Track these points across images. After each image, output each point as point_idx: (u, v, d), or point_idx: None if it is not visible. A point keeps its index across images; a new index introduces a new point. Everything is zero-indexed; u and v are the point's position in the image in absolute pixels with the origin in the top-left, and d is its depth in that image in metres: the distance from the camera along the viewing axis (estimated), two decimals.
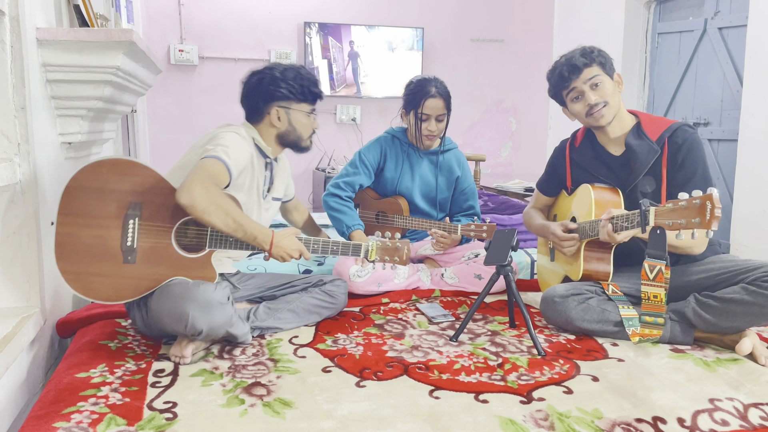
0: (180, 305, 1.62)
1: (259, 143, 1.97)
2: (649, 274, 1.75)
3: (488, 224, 2.42)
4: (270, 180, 2.05)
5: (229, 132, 1.85)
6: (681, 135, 1.95)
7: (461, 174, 2.63)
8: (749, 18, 3.45)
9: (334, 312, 2.10)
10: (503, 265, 1.90)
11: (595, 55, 1.99)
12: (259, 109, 1.97)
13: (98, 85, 1.95)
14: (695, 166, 1.91)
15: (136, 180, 1.72)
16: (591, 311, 1.93)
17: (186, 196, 1.62)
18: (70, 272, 1.69)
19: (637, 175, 1.99)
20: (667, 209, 1.65)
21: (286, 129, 1.98)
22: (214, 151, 1.75)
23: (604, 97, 1.98)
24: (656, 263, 1.73)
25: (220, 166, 1.73)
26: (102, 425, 1.37)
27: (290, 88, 1.94)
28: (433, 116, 2.46)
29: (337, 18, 5.17)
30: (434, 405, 1.49)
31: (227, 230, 1.71)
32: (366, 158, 2.57)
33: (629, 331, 1.86)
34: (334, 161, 5.28)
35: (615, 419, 1.43)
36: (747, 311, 1.78)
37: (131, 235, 1.72)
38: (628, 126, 2.04)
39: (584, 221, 2.01)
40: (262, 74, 1.97)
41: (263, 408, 1.47)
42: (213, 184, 1.68)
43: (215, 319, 1.64)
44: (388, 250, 2.01)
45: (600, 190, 2.04)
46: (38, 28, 1.79)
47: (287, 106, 1.97)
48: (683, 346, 1.87)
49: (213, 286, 1.67)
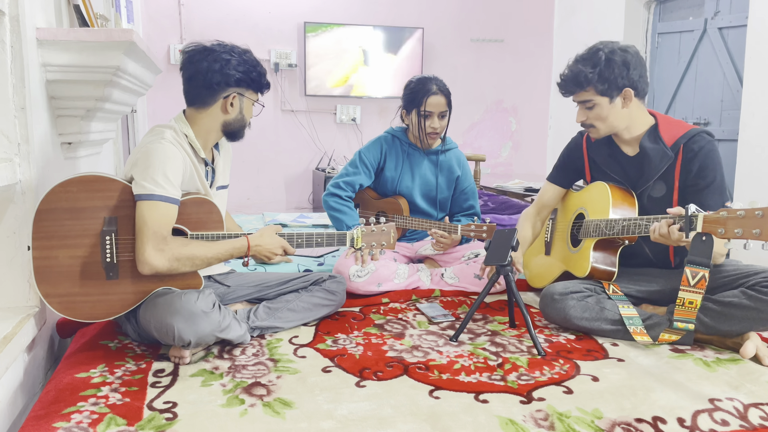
0: (165, 318, 1.61)
1: (193, 142, 1.82)
2: (691, 280, 1.68)
3: (488, 224, 2.42)
4: (212, 172, 1.93)
5: (157, 144, 1.70)
6: (698, 142, 1.91)
7: (461, 174, 2.63)
8: (749, 18, 3.45)
9: (333, 310, 2.10)
10: (503, 265, 1.89)
11: (593, 77, 1.90)
12: (214, 92, 1.80)
13: (98, 85, 1.94)
14: (713, 174, 1.89)
15: (107, 195, 1.68)
16: (589, 309, 1.94)
17: (146, 268, 1.64)
18: (53, 296, 1.65)
19: (648, 179, 1.98)
20: (721, 217, 1.59)
21: (235, 117, 1.85)
22: (146, 188, 1.65)
23: (597, 117, 1.96)
24: (699, 270, 1.66)
25: (161, 207, 1.66)
26: (102, 425, 1.37)
27: (251, 76, 1.82)
28: (435, 113, 2.46)
29: (337, 18, 5.17)
30: (434, 405, 1.49)
31: (203, 268, 1.73)
32: (366, 158, 2.56)
33: (630, 330, 1.87)
34: (334, 161, 5.28)
35: (615, 419, 1.43)
36: (745, 315, 1.78)
37: (110, 250, 1.68)
38: (642, 129, 2.00)
39: (598, 218, 2.00)
40: (221, 54, 1.78)
41: (263, 408, 1.46)
42: (163, 238, 1.65)
43: (201, 329, 1.63)
44: (374, 236, 1.99)
45: (616, 190, 2.03)
46: (38, 28, 1.79)
47: (242, 93, 1.84)
48: (683, 346, 1.87)
49: (196, 295, 1.64)
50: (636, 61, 1.92)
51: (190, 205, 1.78)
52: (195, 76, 1.79)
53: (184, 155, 1.76)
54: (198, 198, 1.79)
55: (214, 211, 1.82)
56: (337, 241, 1.95)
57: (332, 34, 5.10)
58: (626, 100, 1.94)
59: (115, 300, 1.70)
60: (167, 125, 1.80)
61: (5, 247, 1.71)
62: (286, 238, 1.89)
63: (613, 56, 1.90)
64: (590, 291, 2.01)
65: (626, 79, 1.91)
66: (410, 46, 5.27)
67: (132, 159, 1.73)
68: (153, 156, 1.68)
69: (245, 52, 1.84)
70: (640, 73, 1.93)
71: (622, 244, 2.02)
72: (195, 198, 1.79)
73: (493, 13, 5.52)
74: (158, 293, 1.71)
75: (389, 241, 2.00)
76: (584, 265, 2.04)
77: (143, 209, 1.65)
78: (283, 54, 5.07)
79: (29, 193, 1.72)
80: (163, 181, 1.67)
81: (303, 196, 5.36)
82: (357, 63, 5.20)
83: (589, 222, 2.05)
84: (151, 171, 1.66)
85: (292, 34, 5.13)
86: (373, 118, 5.40)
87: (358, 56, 5.19)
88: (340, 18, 5.18)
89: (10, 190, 1.68)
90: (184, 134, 1.81)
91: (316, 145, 5.31)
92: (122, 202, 1.69)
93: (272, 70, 5.06)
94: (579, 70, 1.93)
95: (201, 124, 1.83)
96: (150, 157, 1.68)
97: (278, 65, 5.04)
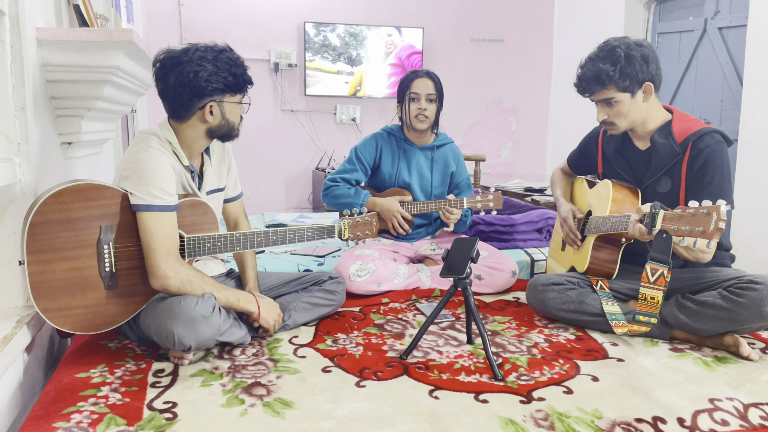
0: (165, 324, 1.60)
1: (177, 150, 1.78)
2: (650, 276, 1.75)
3: (494, 193, 2.48)
4: (198, 177, 1.89)
5: (145, 153, 1.69)
6: (705, 141, 1.89)
7: (456, 168, 2.65)
8: (749, 18, 3.45)
9: (333, 310, 2.11)
10: (461, 278, 1.74)
11: (614, 75, 1.89)
12: (188, 106, 1.75)
13: (98, 85, 1.94)
14: (712, 176, 1.88)
15: (102, 203, 1.65)
16: (568, 302, 2.00)
17: (157, 283, 1.65)
18: (51, 310, 1.61)
19: (654, 173, 1.99)
20: (675, 215, 1.63)
21: (218, 123, 1.79)
22: (145, 200, 1.65)
23: (618, 114, 1.95)
24: (659, 267, 1.73)
25: (163, 218, 1.66)
26: (102, 425, 1.37)
27: (225, 81, 1.73)
28: (422, 95, 2.48)
29: (337, 18, 5.17)
30: (434, 405, 1.49)
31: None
32: (362, 154, 2.58)
33: (612, 324, 1.90)
34: (334, 161, 5.28)
35: (615, 419, 1.43)
36: (717, 315, 1.80)
37: (108, 260, 1.66)
38: (657, 123, 2.00)
39: (597, 216, 2.04)
40: (187, 67, 1.69)
41: (263, 408, 1.46)
42: (176, 257, 1.67)
43: (201, 334, 1.62)
44: (359, 226, 2.04)
45: (619, 188, 2.05)
46: (38, 28, 1.79)
47: (221, 100, 1.77)
48: (682, 345, 1.88)
49: (195, 300, 1.63)
50: (653, 55, 1.93)
51: (185, 207, 1.78)
52: (165, 92, 1.74)
53: (170, 159, 1.75)
54: (192, 201, 1.80)
55: (209, 213, 1.83)
56: (326, 234, 1.98)
57: (332, 34, 5.09)
58: (647, 94, 1.94)
59: (115, 310, 1.69)
60: (152, 132, 1.78)
61: (5, 247, 1.71)
62: (279, 234, 1.89)
63: (631, 51, 1.89)
64: (573, 285, 2.05)
65: (646, 73, 1.91)
66: (410, 46, 5.26)
67: (122, 168, 1.71)
68: (144, 166, 1.67)
69: (219, 54, 1.73)
70: (657, 66, 1.94)
71: (624, 243, 2.03)
72: (190, 201, 1.79)
73: (493, 13, 5.52)
74: (158, 298, 1.71)
75: (372, 230, 2.06)
76: (584, 261, 2.09)
77: (148, 223, 1.65)
78: (283, 54, 5.06)
79: (29, 193, 1.72)
80: (159, 191, 1.67)
81: (303, 196, 5.36)
82: (357, 63, 5.19)
83: (591, 219, 2.09)
84: (145, 181, 1.66)
85: (292, 33, 5.12)
86: (373, 118, 5.40)
87: (358, 56, 5.19)
88: (340, 17, 5.18)
89: (10, 190, 1.68)
90: (168, 141, 1.78)
91: (316, 145, 5.30)
92: (117, 210, 1.67)
93: (272, 70, 5.07)
94: (599, 68, 1.91)
95: (184, 134, 1.80)
96: (141, 167, 1.67)
97: (278, 65, 5.04)
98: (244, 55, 5.60)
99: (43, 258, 1.60)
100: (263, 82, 5.07)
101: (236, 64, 1.76)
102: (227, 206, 2.06)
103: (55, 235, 1.61)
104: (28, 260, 1.59)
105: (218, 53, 1.74)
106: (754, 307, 1.75)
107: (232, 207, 2.07)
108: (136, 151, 1.71)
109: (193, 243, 1.78)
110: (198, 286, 1.68)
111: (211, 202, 1.89)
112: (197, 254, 1.80)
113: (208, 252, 1.81)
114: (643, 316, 1.80)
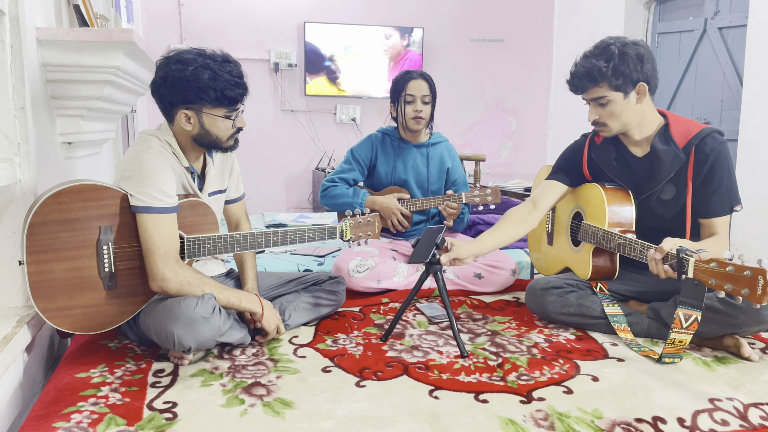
0: (165, 325, 1.60)
1: (176, 151, 1.79)
2: (683, 322, 1.66)
3: (492, 187, 2.48)
4: (198, 178, 1.88)
5: (145, 154, 1.69)
6: (709, 144, 1.86)
7: (452, 165, 2.66)
8: (749, 18, 3.45)
9: (333, 310, 2.11)
10: (431, 263, 1.81)
11: (607, 72, 1.84)
12: (166, 110, 1.76)
13: (98, 85, 1.95)
14: (720, 179, 1.85)
15: (101, 203, 1.65)
16: (568, 305, 1.99)
17: (155, 285, 1.66)
18: (51, 311, 1.61)
19: (659, 181, 1.93)
20: (711, 269, 1.54)
21: (198, 132, 1.75)
22: (144, 201, 1.65)
23: (611, 115, 1.90)
24: (692, 313, 1.65)
25: (163, 220, 1.66)
26: (102, 425, 1.37)
27: (200, 92, 1.67)
28: (418, 97, 2.49)
29: (337, 18, 5.17)
30: (434, 405, 1.49)
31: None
32: (358, 155, 2.62)
33: (615, 326, 1.90)
34: (334, 161, 5.28)
35: (615, 419, 1.43)
36: (714, 318, 1.78)
37: (107, 260, 1.66)
38: (652, 128, 1.94)
39: (596, 225, 1.99)
40: (167, 71, 1.69)
41: (263, 408, 1.46)
42: (176, 260, 1.67)
43: (201, 335, 1.62)
44: (361, 227, 2.03)
45: (611, 192, 2.00)
46: (38, 28, 1.79)
47: (197, 109, 1.72)
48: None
49: (195, 301, 1.63)
50: (649, 55, 1.87)
51: (185, 208, 1.77)
52: (152, 93, 1.76)
53: (172, 162, 1.76)
54: (193, 201, 1.79)
55: (209, 213, 1.82)
56: (328, 234, 1.98)
57: (332, 34, 5.09)
58: (640, 95, 1.89)
59: (115, 310, 1.69)
60: (152, 133, 1.78)
61: (5, 247, 1.71)
62: (280, 235, 1.89)
63: (626, 49, 1.85)
64: (572, 287, 2.03)
65: (640, 73, 1.86)
66: (410, 46, 5.26)
67: (122, 169, 1.71)
68: (144, 167, 1.67)
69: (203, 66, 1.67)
70: (652, 67, 1.88)
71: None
72: (190, 201, 1.79)
73: (493, 13, 5.52)
74: (158, 299, 1.71)
75: (374, 231, 2.05)
76: (585, 270, 2.06)
77: (147, 224, 1.65)
78: (283, 54, 5.07)
79: (29, 193, 1.72)
80: (158, 192, 1.67)
81: (303, 196, 5.36)
82: (357, 62, 5.19)
83: (587, 227, 2.03)
84: (145, 183, 1.66)
85: (292, 33, 5.13)
86: (373, 118, 5.40)
87: (359, 56, 5.19)
88: (340, 18, 5.18)
89: (10, 190, 1.68)
90: (167, 142, 1.78)
91: (316, 145, 5.31)
92: (117, 210, 1.67)
93: (272, 70, 5.07)
94: (592, 65, 1.86)
95: (177, 136, 1.80)
96: (141, 168, 1.67)
97: (278, 65, 5.04)
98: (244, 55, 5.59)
99: (43, 258, 1.60)
100: (263, 82, 5.08)
101: (220, 78, 1.67)
102: (229, 207, 2.06)
103: (54, 236, 1.61)
104: (28, 260, 1.59)
105: (203, 66, 1.67)
106: (752, 311, 1.73)
107: (234, 208, 2.07)
108: (137, 152, 1.71)
109: (192, 243, 1.78)
110: (197, 288, 1.68)
111: (212, 204, 1.89)
112: (197, 255, 1.80)
113: (208, 252, 1.81)
114: (668, 359, 1.73)
